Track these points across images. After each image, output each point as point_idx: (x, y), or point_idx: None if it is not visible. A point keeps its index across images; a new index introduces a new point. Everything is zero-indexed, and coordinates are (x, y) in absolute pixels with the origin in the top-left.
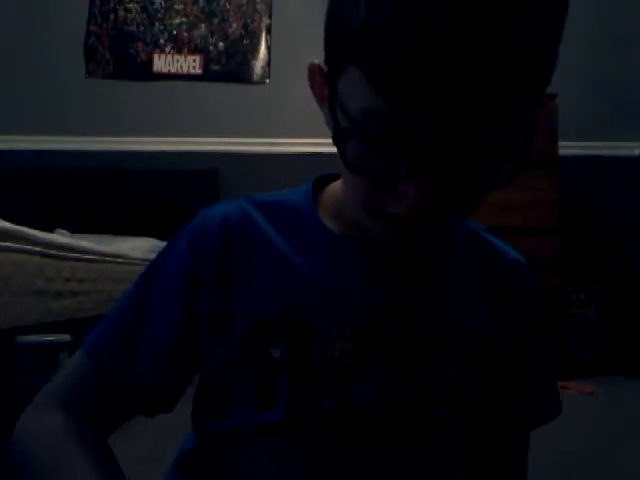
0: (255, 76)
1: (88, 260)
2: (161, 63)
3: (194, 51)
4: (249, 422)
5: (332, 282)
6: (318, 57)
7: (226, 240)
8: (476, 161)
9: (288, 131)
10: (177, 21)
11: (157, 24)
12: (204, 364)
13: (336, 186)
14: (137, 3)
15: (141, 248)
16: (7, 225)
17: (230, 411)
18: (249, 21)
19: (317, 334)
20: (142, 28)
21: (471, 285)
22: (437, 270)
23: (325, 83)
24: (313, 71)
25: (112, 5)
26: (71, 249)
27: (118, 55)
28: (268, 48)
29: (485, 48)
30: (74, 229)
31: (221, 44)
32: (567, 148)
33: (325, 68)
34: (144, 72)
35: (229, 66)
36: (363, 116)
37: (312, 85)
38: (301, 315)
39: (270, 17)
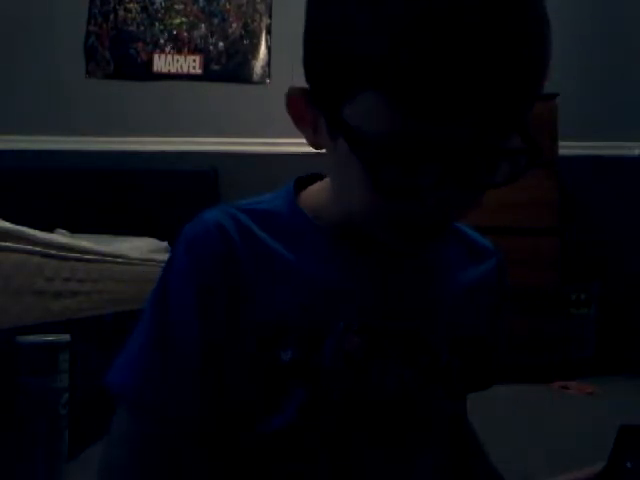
0: (255, 76)
1: (88, 260)
2: (161, 63)
3: (194, 51)
4: (263, 430)
5: (334, 282)
6: None
7: (229, 249)
8: (496, 163)
9: (288, 131)
10: (177, 21)
11: (157, 24)
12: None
13: (317, 188)
14: (137, 3)
15: (141, 248)
16: (7, 225)
17: (244, 423)
18: (249, 21)
19: (325, 332)
20: (142, 28)
21: (456, 274)
22: (428, 262)
23: (310, 106)
24: (294, 95)
25: (112, 5)
26: (71, 249)
27: (118, 55)
28: (268, 48)
29: (504, 56)
30: (74, 229)
31: (221, 44)
32: (567, 148)
33: (307, 90)
34: (144, 72)
35: (229, 66)
36: (390, 140)
37: (290, 107)
38: (308, 317)
39: (270, 17)
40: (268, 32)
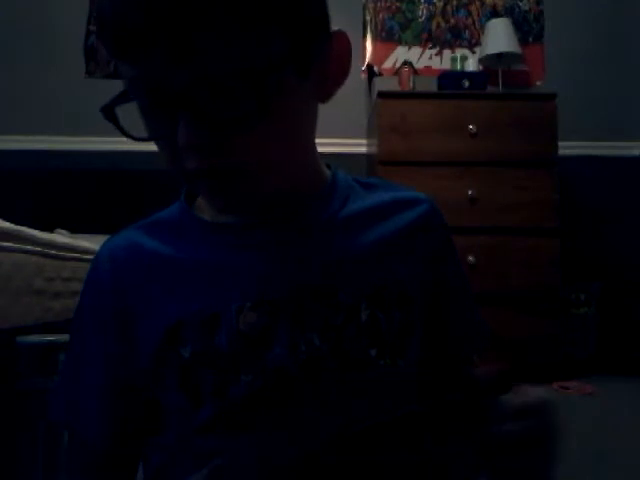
0: None
1: (88, 260)
2: None
3: None
4: (188, 430)
5: (225, 267)
6: None
7: (117, 272)
8: (219, 92)
9: None
10: None
11: None
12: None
13: None
14: None
15: None
16: (7, 225)
17: (170, 430)
18: None
19: (219, 319)
20: None
21: (374, 227)
22: (323, 224)
23: None
24: None
25: None
26: (71, 249)
27: None
28: None
29: None
30: (74, 229)
31: None
32: (567, 148)
33: None
34: None
35: None
36: (127, 90)
37: None
38: (203, 308)
39: None
40: None
